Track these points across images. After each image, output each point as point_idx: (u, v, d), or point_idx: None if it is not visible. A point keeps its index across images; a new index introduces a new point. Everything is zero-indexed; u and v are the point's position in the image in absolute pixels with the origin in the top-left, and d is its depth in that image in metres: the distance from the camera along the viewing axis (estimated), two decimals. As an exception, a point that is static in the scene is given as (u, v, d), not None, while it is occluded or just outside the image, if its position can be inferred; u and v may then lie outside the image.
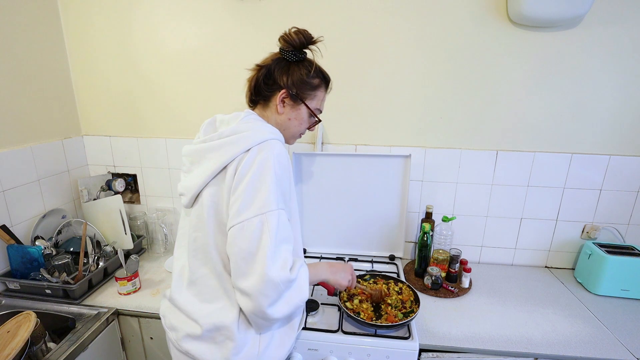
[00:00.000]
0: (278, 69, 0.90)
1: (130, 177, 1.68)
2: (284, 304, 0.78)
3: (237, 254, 0.76)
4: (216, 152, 0.82)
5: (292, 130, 0.95)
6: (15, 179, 1.32)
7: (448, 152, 1.46)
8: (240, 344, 0.82)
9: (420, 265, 1.42)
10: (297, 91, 0.91)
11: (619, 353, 1.04)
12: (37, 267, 1.27)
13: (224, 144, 0.82)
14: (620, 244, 1.41)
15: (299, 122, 0.94)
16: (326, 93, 0.99)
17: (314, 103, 0.94)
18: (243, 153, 0.80)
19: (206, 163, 0.84)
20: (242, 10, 1.39)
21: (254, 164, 0.78)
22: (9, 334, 0.95)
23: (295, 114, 0.93)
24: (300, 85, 0.91)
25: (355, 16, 1.35)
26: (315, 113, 0.96)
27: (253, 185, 0.77)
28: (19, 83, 1.33)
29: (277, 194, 0.78)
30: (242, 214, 0.76)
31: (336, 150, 1.50)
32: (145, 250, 1.64)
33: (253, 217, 0.75)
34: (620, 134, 1.37)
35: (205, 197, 0.84)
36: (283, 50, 0.91)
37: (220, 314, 0.83)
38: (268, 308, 0.75)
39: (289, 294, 0.78)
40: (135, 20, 1.45)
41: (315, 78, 0.92)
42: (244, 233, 0.75)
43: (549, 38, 1.29)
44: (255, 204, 0.76)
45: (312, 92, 0.93)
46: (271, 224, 0.75)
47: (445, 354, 1.07)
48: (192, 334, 0.85)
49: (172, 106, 1.54)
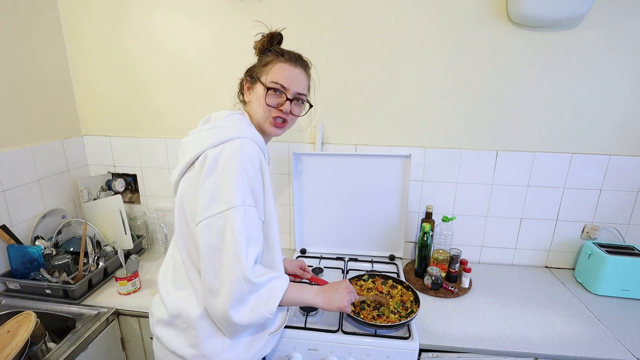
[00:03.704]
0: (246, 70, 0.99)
1: (130, 177, 1.68)
2: (248, 310, 0.78)
3: (203, 249, 0.77)
4: (195, 143, 0.85)
5: (258, 113, 0.92)
6: (15, 179, 1.32)
7: (448, 152, 1.46)
8: (204, 335, 0.83)
9: (420, 265, 1.42)
10: (250, 73, 0.95)
11: (619, 353, 1.04)
12: (37, 267, 1.27)
13: (203, 136, 0.85)
14: (620, 244, 1.41)
15: (258, 102, 0.92)
16: (285, 62, 0.91)
17: (269, 77, 0.90)
18: (212, 147, 0.81)
19: (187, 154, 0.86)
20: (242, 10, 1.39)
21: (220, 160, 0.79)
22: (9, 334, 0.95)
23: (254, 94, 0.93)
24: (254, 68, 0.95)
25: (355, 17, 1.35)
26: (264, 84, 0.90)
27: (219, 181, 0.78)
28: (19, 83, 1.33)
29: (243, 190, 0.78)
30: (209, 210, 0.77)
31: (336, 150, 1.50)
32: (145, 250, 1.64)
33: (219, 213, 0.76)
34: (620, 134, 1.37)
35: (180, 186, 0.88)
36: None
37: (184, 302, 0.85)
38: (230, 309, 0.75)
39: (254, 300, 0.78)
40: (135, 20, 1.45)
41: (267, 57, 0.93)
42: (209, 229, 0.76)
43: (549, 38, 1.29)
44: (221, 200, 0.77)
45: (265, 67, 0.92)
46: (236, 221, 0.76)
47: (445, 354, 1.07)
48: (162, 319, 0.89)
49: (173, 106, 1.54)
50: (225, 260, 0.75)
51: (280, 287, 0.84)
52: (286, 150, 1.52)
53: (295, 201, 1.53)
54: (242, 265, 0.75)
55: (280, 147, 1.52)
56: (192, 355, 0.84)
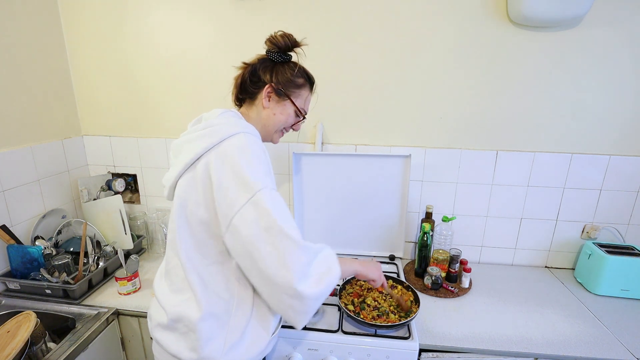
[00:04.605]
0: (262, 67, 0.94)
1: (130, 177, 1.68)
2: (314, 281, 0.76)
3: (245, 245, 0.74)
4: (190, 144, 0.84)
5: (276, 125, 0.96)
6: (15, 179, 1.32)
7: (448, 152, 1.46)
8: (205, 337, 0.82)
9: (420, 265, 1.42)
10: (282, 87, 0.93)
11: (619, 353, 1.04)
12: (37, 267, 1.27)
13: (198, 137, 0.84)
14: (620, 244, 1.41)
15: (285, 117, 0.95)
16: (311, 94, 1.01)
17: (299, 101, 0.96)
18: (215, 146, 0.80)
19: (182, 155, 0.85)
20: (243, 9, 1.39)
21: (226, 154, 0.78)
22: (9, 334, 0.95)
23: (280, 109, 0.94)
24: (285, 82, 0.93)
25: (355, 17, 1.35)
26: (300, 111, 0.97)
27: (233, 173, 0.76)
28: (19, 83, 1.33)
29: (261, 174, 0.77)
30: (235, 204, 0.75)
31: (336, 150, 1.50)
32: (145, 250, 1.64)
33: (246, 203, 0.74)
34: (620, 134, 1.37)
35: (178, 189, 0.86)
36: (269, 52, 0.95)
37: (184, 305, 0.84)
38: (297, 285, 0.73)
39: (315, 270, 0.77)
40: (135, 20, 1.45)
41: (299, 77, 0.95)
42: (242, 223, 0.74)
43: (549, 38, 1.29)
44: (243, 191, 0.75)
45: (297, 90, 0.95)
46: (266, 202, 0.74)
47: (445, 354, 1.07)
48: (161, 323, 0.88)
49: (173, 106, 1.54)
50: (272, 241, 0.73)
51: (331, 252, 0.84)
52: (286, 150, 1.52)
53: (295, 201, 1.53)
54: (290, 236, 0.73)
55: (280, 147, 1.52)
56: (193, 359, 0.83)
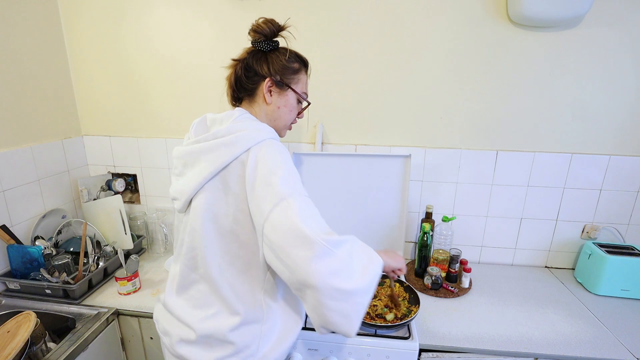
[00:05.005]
0: (255, 60, 0.89)
1: (130, 177, 1.68)
2: (358, 275, 0.73)
3: (277, 250, 0.71)
4: (211, 154, 0.79)
5: (283, 119, 0.92)
6: (15, 179, 1.32)
7: (448, 152, 1.46)
8: (239, 347, 0.81)
9: (420, 265, 1.42)
10: (280, 77, 0.88)
11: (619, 353, 1.04)
12: (37, 267, 1.27)
13: (220, 145, 0.79)
14: (620, 244, 1.41)
15: (289, 109, 0.92)
16: (307, 76, 0.96)
17: (299, 87, 0.92)
18: (243, 154, 0.77)
19: (200, 165, 0.80)
20: (242, 10, 1.39)
21: (258, 163, 0.75)
22: (9, 334, 0.95)
23: (283, 101, 0.90)
24: (282, 70, 0.88)
25: (355, 17, 1.35)
26: (302, 97, 0.94)
27: (265, 181, 0.74)
28: (19, 83, 1.33)
29: (293, 180, 0.75)
30: (265, 211, 0.72)
31: (336, 150, 1.50)
32: (145, 250, 1.64)
33: (274, 207, 0.71)
34: (620, 134, 1.37)
35: (201, 200, 0.80)
36: (256, 42, 0.90)
37: (214, 320, 0.82)
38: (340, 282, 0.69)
39: (358, 263, 0.74)
40: (135, 20, 1.45)
41: (294, 62, 0.91)
42: (274, 227, 0.71)
43: (549, 38, 1.29)
44: (272, 194, 0.72)
45: (295, 76, 0.91)
46: (297, 207, 0.71)
47: (445, 354, 1.07)
48: (186, 339, 0.84)
49: (173, 106, 1.54)
50: (302, 245, 0.69)
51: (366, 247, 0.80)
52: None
53: (295, 201, 1.53)
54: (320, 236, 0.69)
55: (280, 147, 1.52)
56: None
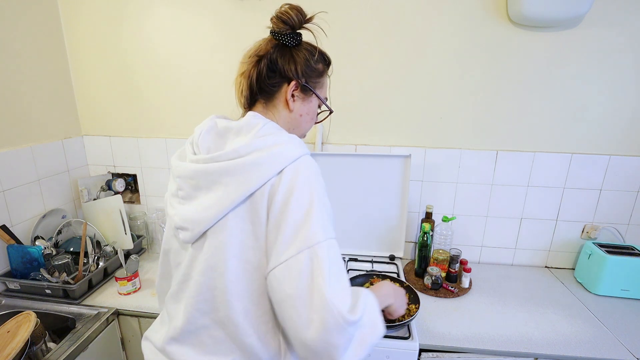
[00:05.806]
0: (282, 58, 0.73)
1: (130, 177, 1.68)
2: (356, 346, 0.64)
3: (285, 301, 0.61)
4: (237, 176, 0.64)
5: (303, 129, 0.80)
6: (15, 179, 1.32)
7: (448, 152, 1.46)
8: None
9: (420, 265, 1.42)
10: (306, 80, 0.75)
11: (619, 353, 1.04)
12: (37, 267, 1.27)
13: (246, 165, 0.64)
14: (620, 244, 1.41)
15: (310, 118, 0.80)
16: (328, 77, 0.83)
17: (323, 92, 0.80)
18: (275, 177, 0.64)
19: (221, 190, 0.65)
20: (243, 9, 1.39)
21: (293, 190, 0.63)
22: (9, 334, 0.95)
23: (307, 108, 0.78)
24: (308, 72, 0.75)
25: (356, 16, 1.35)
26: (326, 104, 0.81)
27: (295, 216, 0.62)
28: (19, 83, 1.33)
29: (323, 220, 0.64)
30: (285, 252, 0.62)
31: (336, 150, 1.50)
32: (145, 250, 1.64)
33: (298, 254, 0.61)
34: (620, 134, 1.37)
35: (223, 233, 0.66)
36: (279, 34, 0.73)
37: None
38: (340, 358, 0.61)
39: (359, 334, 0.64)
40: (135, 20, 1.45)
41: (319, 63, 0.77)
42: (290, 274, 0.61)
43: (549, 38, 1.29)
44: (300, 237, 0.62)
45: (319, 79, 0.77)
46: (322, 258, 0.61)
47: (445, 354, 1.07)
48: None
49: (173, 106, 1.54)
50: (315, 308, 0.59)
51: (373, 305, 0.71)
52: (286, 150, 1.52)
53: (295, 201, 1.53)
54: (337, 308, 0.59)
55: (280, 147, 1.52)
56: None
